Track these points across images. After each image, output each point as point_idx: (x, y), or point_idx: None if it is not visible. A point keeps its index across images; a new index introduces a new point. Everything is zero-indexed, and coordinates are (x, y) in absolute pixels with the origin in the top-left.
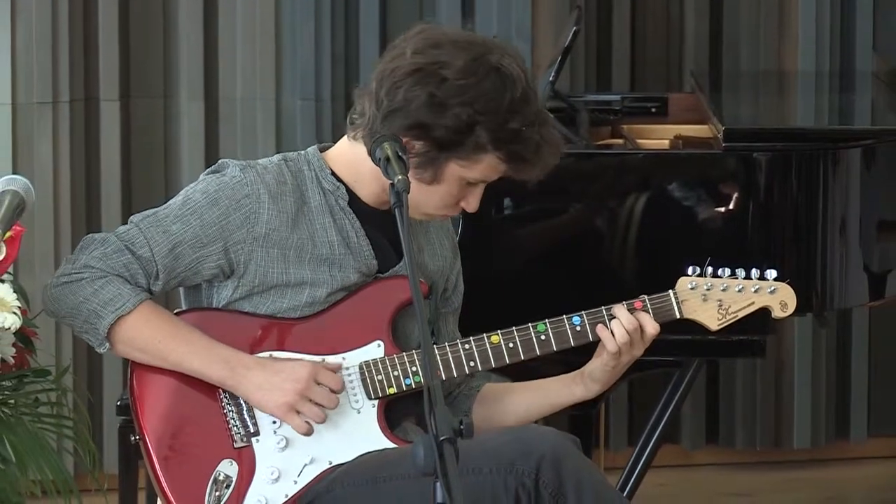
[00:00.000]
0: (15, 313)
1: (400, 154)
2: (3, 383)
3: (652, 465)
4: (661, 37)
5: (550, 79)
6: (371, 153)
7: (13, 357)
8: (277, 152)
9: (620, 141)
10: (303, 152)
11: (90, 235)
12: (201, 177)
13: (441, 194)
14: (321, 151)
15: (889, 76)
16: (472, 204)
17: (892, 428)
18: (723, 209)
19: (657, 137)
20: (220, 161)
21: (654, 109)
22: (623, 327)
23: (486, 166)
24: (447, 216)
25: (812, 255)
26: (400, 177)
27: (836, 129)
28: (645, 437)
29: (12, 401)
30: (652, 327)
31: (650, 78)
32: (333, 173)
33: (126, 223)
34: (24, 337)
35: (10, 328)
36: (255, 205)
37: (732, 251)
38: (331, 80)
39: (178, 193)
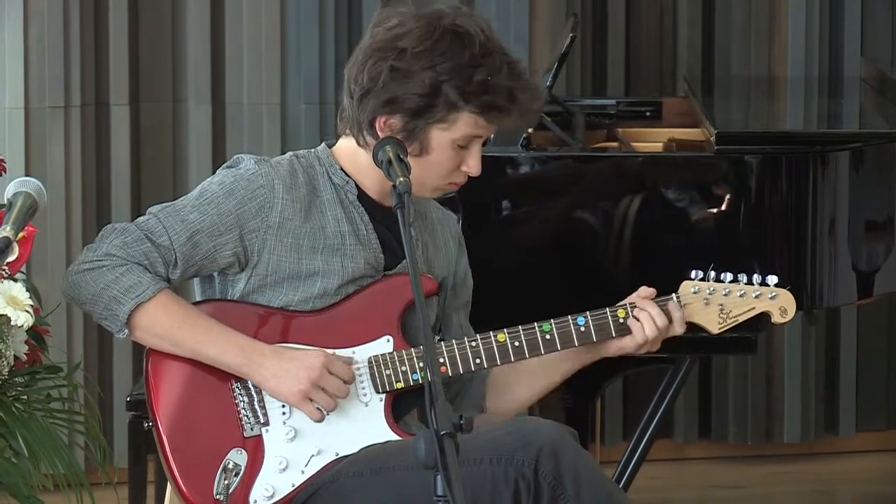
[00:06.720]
0: (28, 311)
1: (401, 156)
2: (16, 379)
3: (646, 458)
4: (655, 43)
5: (548, 84)
6: (374, 156)
7: (26, 354)
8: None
9: (616, 144)
10: (313, 150)
11: (110, 225)
12: (218, 171)
13: (437, 165)
14: (329, 147)
15: (876, 81)
16: (472, 166)
17: (880, 423)
18: (715, 210)
19: (651, 141)
20: (235, 156)
21: (648, 113)
22: (653, 321)
23: (466, 124)
24: (457, 184)
25: (802, 254)
26: (402, 178)
27: (824, 133)
28: (639, 432)
29: (25, 397)
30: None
31: (644, 83)
32: (342, 169)
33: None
34: (36, 334)
35: (23, 326)
36: (269, 195)
37: (724, 251)
38: (334, 85)
39: (192, 189)
